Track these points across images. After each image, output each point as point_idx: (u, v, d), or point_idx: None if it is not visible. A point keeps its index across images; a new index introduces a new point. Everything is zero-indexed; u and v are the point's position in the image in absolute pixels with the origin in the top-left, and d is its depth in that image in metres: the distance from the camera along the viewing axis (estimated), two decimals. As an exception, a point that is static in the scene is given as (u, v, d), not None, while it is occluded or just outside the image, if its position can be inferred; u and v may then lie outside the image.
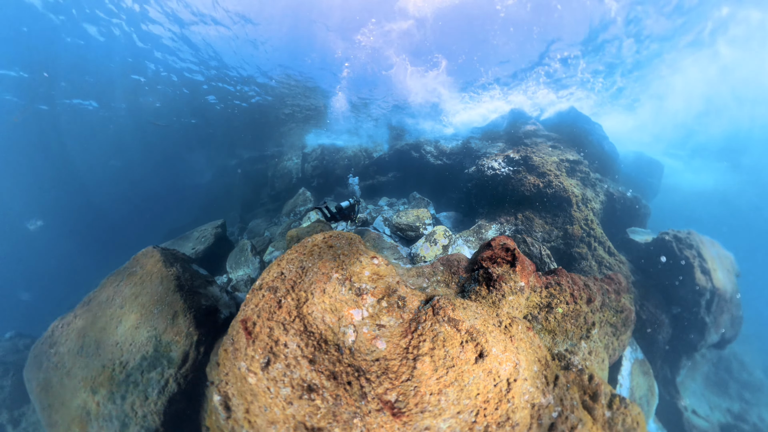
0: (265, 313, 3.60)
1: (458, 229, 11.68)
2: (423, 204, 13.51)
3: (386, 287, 3.83)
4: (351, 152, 14.11)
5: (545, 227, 10.09)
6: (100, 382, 5.13)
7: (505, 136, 16.21)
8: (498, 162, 11.66)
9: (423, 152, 14.67)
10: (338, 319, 3.27)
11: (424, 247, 8.75)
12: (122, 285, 5.97)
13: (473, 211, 12.14)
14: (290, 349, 3.15)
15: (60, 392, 4.88)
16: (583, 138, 14.53)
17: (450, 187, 15.15)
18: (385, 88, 15.51)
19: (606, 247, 10.19)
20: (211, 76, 16.18)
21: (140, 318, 5.73)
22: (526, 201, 10.26)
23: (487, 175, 11.50)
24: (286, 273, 3.89)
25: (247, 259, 8.30)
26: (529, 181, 10.37)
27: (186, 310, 5.95)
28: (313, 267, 3.86)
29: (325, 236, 4.67)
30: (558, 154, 13.08)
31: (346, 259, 4.06)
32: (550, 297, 5.41)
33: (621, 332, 6.87)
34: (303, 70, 15.13)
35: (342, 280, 3.64)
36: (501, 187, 10.91)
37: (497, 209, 10.81)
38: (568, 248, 9.79)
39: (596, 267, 9.59)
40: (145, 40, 13.86)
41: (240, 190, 15.88)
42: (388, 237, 9.82)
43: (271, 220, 12.02)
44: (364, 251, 4.42)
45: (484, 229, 10.22)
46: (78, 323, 5.42)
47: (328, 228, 7.99)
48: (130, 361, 5.41)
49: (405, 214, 10.09)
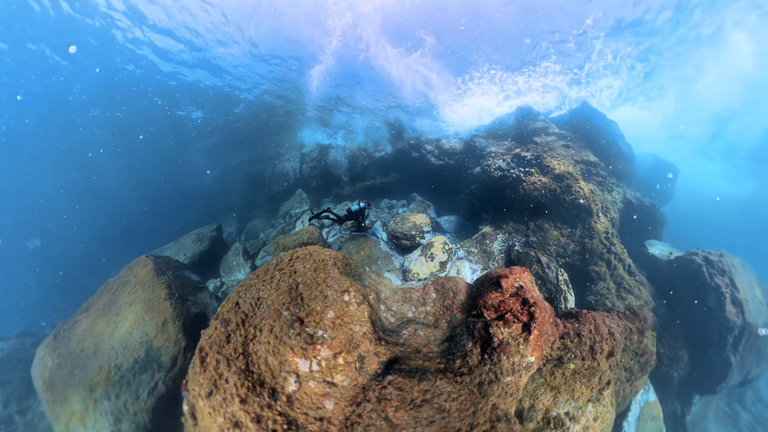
0: (215, 345, 3.85)
1: (459, 235, 11.40)
2: (423, 207, 13.16)
3: (348, 339, 3.45)
4: (349, 152, 14.16)
5: (560, 240, 8.81)
6: (98, 381, 5.81)
7: (512, 134, 15.54)
8: (506, 161, 10.45)
9: (424, 152, 14.43)
10: (280, 363, 3.22)
11: (419, 261, 7.93)
12: (118, 293, 6.58)
13: (476, 215, 11.29)
14: (229, 385, 3.37)
15: (62, 389, 5.59)
16: (598, 137, 13.69)
17: (452, 188, 14.89)
18: (368, 78, 15.05)
19: (626, 266, 8.97)
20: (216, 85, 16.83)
21: (134, 324, 6.35)
22: (539, 208, 9.08)
23: (494, 177, 10.29)
24: (241, 304, 4.09)
25: (239, 263, 8.82)
26: (543, 185, 9.09)
27: (175, 318, 6.52)
28: (268, 299, 3.96)
29: (291, 257, 4.52)
30: (572, 155, 12.38)
31: (307, 291, 3.83)
32: (563, 349, 4.43)
33: (637, 377, 6.19)
34: (282, 72, 15.01)
35: (291, 321, 3.46)
36: (510, 191, 9.70)
37: (504, 215, 9.77)
38: (584, 266, 8.62)
39: (614, 289, 8.53)
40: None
41: (240, 190, 16.58)
42: (385, 244, 9.30)
43: (268, 221, 12.54)
44: (334, 281, 4.05)
45: (489, 239, 9.18)
46: (78, 329, 6.08)
47: (318, 235, 8.10)
48: (124, 363, 6.05)
49: (402, 220, 9.46)
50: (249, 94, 17.68)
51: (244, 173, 17.26)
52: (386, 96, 16.19)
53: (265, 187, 15.28)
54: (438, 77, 15.05)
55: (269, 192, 14.82)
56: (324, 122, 18.60)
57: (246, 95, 17.80)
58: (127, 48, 14.77)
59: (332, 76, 15.01)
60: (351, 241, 9.06)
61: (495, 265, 8.39)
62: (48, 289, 17.84)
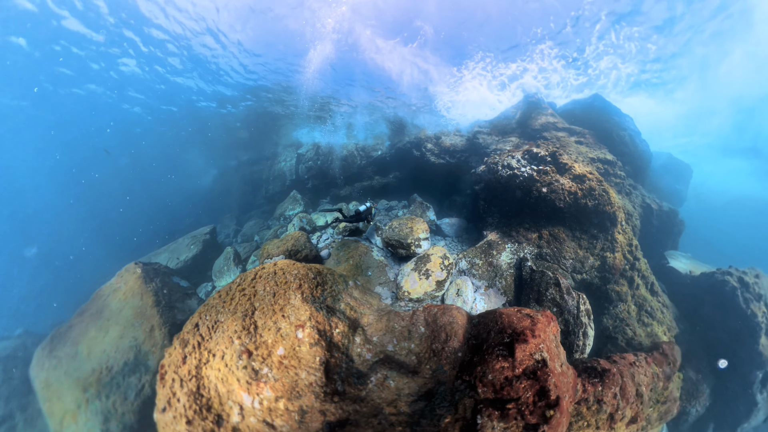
0: (173, 365, 4.02)
1: (461, 240, 10.71)
2: (422, 209, 12.50)
3: (291, 386, 3.19)
4: (346, 152, 14.10)
5: (578, 253, 7.76)
6: (90, 382, 6.28)
7: (518, 130, 14.87)
8: (516, 159, 9.26)
9: (424, 150, 14.12)
10: (228, 392, 3.28)
11: (411, 278, 6.94)
12: (109, 299, 7.01)
13: (480, 219, 10.41)
14: (180, 404, 3.54)
15: (57, 389, 6.10)
16: (613, 133, 12.86)
17: (453, 188, 14.54)
18: (365, 72, 14.72)
19: (649, 284, 8.19)
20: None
21: (124, 329, 6.77)
22: (556, 214, 8.06)
23: (502, 177, 9.21)
24: (200, 325, 4.23)
25: (230, 268, 9.12)
26: (561, 187, 7.93)
27: (162, 324, 6.90)
28: (224, 323, 4.06)
29: (255, 275, 4.45)
30: (586, 152, 11.66)
31: (261, 320, 3.74)
32: (577, 416, 3.80)
33: (653, 426, 5.58)
34: (276, 67, 14.96)
35: (240, 352, 3.44)
36: (520, 193, 8.68)
37: (513, 221, 8.75)
38: (603, 284, 7.70)
39: (635, 312, 7.77)
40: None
41: (238, 191, 17.00)
42: (379, 251, 8.59)
43: (265, 222, 12.85)
44: (293, 310, 3.86)
45: (496, 249, 8.17)
46: (73, 332, 6.56)
47: (304, 241, 8.08)
48: (115, 366, 6.50)
49: (398, 225, 8.66)
50: (245, 94, 17.91)
51: (242, 174, 17.70)
52: (384, 90, 15.84)
53: (263, 188, 15.59)
54: (435, 68, 14.54)
55: (266, 193, 15.12)
56: (322, 120, 18.56)
57: (242, 94, 18.05)
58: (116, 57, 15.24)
59: (328, 71, 14.83)
60: (342, 248, 8.54)
61: (502, 284, 7.49)
62: (48, 291, 19.12)
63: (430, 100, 15.96)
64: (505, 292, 7.24)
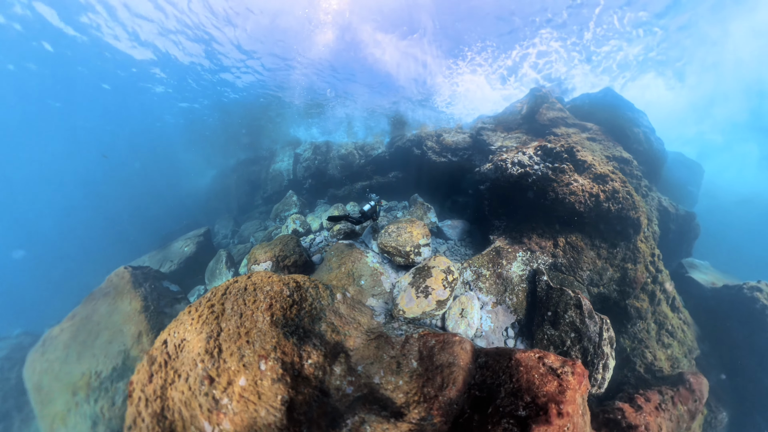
0: (140, 383, 4.01)
1: (465, 244, 10.04)
2: (423, 210, 12.00)
3: (250, 423, 3.03)
4: (344, 151, 13.93)
5: (596, 263, 7.15)
6: (80, 386, 6.47)
7: (524, 125, 14.34)
8: (528, 156, 8.51)
9: (425, 148, 13.79)
10: (191, 416, 3.24)
11: (408, 294, 6.13)
12: (99, 303, 7.17)
13: (486, 222, 9.79)
14: (144, 425, 3.57)
15: (49, 391, 6.31)
16: (627, 130, 12.21)
17: (455, 188, 14.19)
18: (364, 67, 14.39)
19: (670, 300, 7.62)
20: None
21: (112, 334, 6.93)
22: (574, 219, 7.38)
23: (511, 175, 8.42)
24: (168, 343, 4.18)
25: (221, 271, 9.20)
26: (581, 188, 7.14)
27: (149, 330, 7.02)
28: (190, 342, 3.98)
29: (225, 291, 4.27)
30: (600, 150, 11.09)
31: (227, 342, 3.53)
32: None
33: None
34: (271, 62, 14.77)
35: (202, 377, 3.33)
36: (533, 194, 7.95)
37: (524, 225, 8.09)
38: (622, 298, 7.08)
39: (655, 331, 7.19)
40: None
41: (236, 191, 17.14)
42: (374, 256, 7.94)
43: (262, 223, 12.93)
44: (259, 335, 3.60)
45: (505, 257, 7.41)
46: (64, 336, 6.76)
47: (293, 246, 7.91)
48: (104, 370, 6.67)
49: (396, 229, 7.98)
50: (242, 92, 17.87)
51: (240, 174, 17.84)
52: (383, 85, 15.51)
53: (261, 188, 15.67)
54: (433, 59, 14.10)
55: (264, 193, 15.20)
56: (321, 117, 18.40)
57: (239, 93, 18.04)
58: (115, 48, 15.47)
59: (326, 66, 14.60)
60: (335, 252, 8.07)
61: (512, 301, 6.78)
62: (49, 291, 19.91)
63: (430, 94, 15.58)
64: (516, 310, 6.70)
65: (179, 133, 25.04)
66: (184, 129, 23.71)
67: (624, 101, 11.83)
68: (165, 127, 24.20)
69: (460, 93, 15.25)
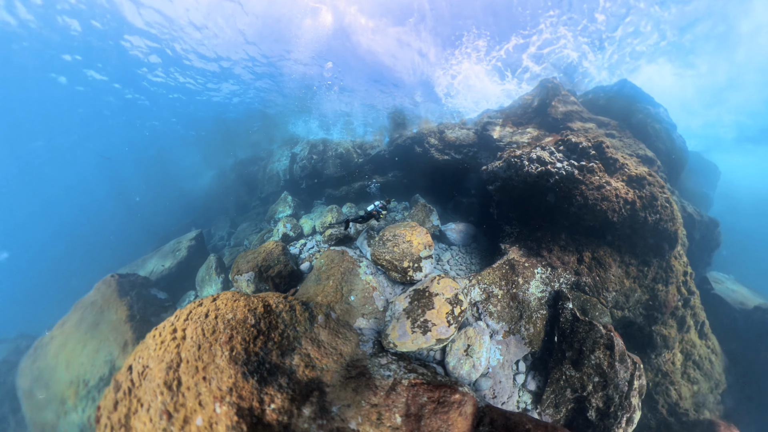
0: (106, 410, 4.10)
1: (470, 250, 9.55)
2: (425, 213, 11.14)
3: None
4: (342, 149, 13.74)
5: (624, 283, 6.47)
6: (68, 395, 6.79)
7: (536, 119, 13.76)
8: (550, 151, 7.49)
9: (427, 146, 13.44)
10: None
11: (401, 326, 5.33)
12: (87, 312, 7.44)
13: (495, 227, 9.03)
14: None
15: (39, 399, 6.63)
16: (648, 126, 11.52)
17: (459, 188, 13.84)
18: (361, 59, 13.89)
19: (698, 325, 7.03)
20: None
21: (99, 343, 7.19)
22: (603, 230, 6.49)
23: (529, 174, 7.41)
24: (133, 369, 4.22)
25: (211, 278, 9.36)
26: (614, 193, 6.29)
27: (134, 340, 7.24)
28: (152, 370, 3.98)
29: (187, 316, 4.15)
30: (622, 148, 10.47)
31: (186, 375, 3.43)
32: None
33: None
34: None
35: (160, 411, 3.33)
36: (555, 197, 7.01)
37: (542, 234, 7.16)
38: (648, 324, 6.47)
39: (681, 362, 6.58)
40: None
41: (234, 192, 17.36)
42: (368, 266, 7.08)
43: (258, 225, 13.08)
44: (217, 372, 3.42)
45: (521, 275, 6.52)
46: (54, 344, 7.07)
47: (278, 254, 7.50)
48: (91, 379, 6.96)
49: (392, 237, 7.02)
50: (239, 92, 17.81)
51: (237, 174, 17.99)
52: (380, 74, 15.05)
53: (258, 189, 15.77)
54: (432, 48, 13.47)
55: (261, 194, 15.31)
56: (320, 113, 18.19)
57: (237, 92, 18.00)
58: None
59: (324, 62, 14.31)
60: (324, 261, 7.34)
61: (529, 331, 6.01)
62: (49, 292, 20.77)
63: (431, 87, 15.04)
64: (531, 342, 6.01)
65: (178, 135, 25.59)
66: (183, 131, 24.19)
67: (643, 94, 11.09)
68: (165, 128, 24.75)
69: (460, 83, 14.64)
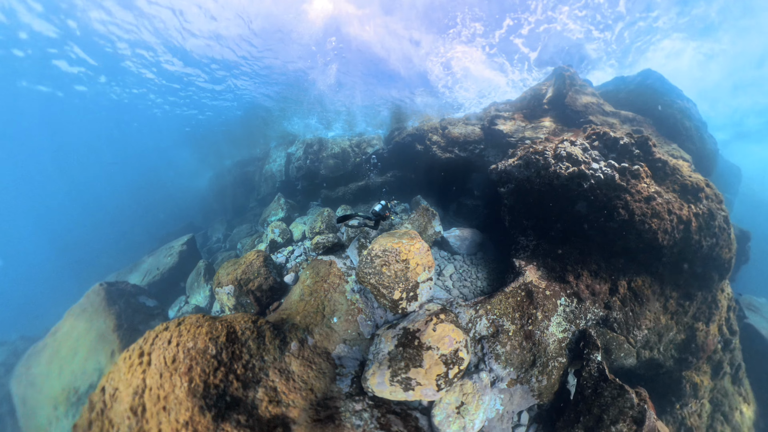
0: (81, 429, 4.41)
1: (476, 261, 8.83)
2: (427, 218, 10.26)
3: None
4: (338, 149, 13.71)
5: (660, 320, 5.64)
6: (60, 401, 7.33)
7: (551, 112, 13.20)
8: (583, 147, 6.36)
9: (428, 143, 13.23)
10: None
11: (381, 375, 4.60)
12: (78, 320, 7.94)
13: (506, 235, 8.22)
14: None
15: (32, 405, 7.23)
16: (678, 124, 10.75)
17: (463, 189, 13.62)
18: (359, 53, 13.49)
19: (734, 368, 6.32)
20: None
21: (89, 351, 7.69)
22: (646, 253, 5.52)
23: (557, 176, 6.25)
24: (106, 390, 4.48)
25: (200, 284, 9.74)
26: (667, 208, 5.34)
27: (122, 349, 7.67)
28: (122, 393, 4.24)
29: (153, 340, 4.26)
30: None
31: (150, 402, 3.57)
32: None
33: None
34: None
35: None
36: (586, 206, 5.99)
37: (564, 251, 6.16)
38: (678, 368, 5.74)
39: (708, 413, 5.89)
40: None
41: (231, 193, 17.71)
42: (355, 282, 6.34)
43: (253, 227, 13.37)
44: (175, 406, 3.40)
45: (541, 307, 5.48)
46: (47, 352, 7.62)
47: (258, 266, 7.48)
48: (81, 386, 7.47)
49: (382, 253, 5.79)
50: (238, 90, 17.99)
51: (235, 175, 18.34)
52: (375, 65, 14.73)
53: (255, 190, 16.06)
54: (425, 35, 12.94)
55: (258, 195, 15.59)
56: (319, 109, 18.12)
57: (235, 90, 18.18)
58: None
59: (311, 52, 14.17)
60: (310, 273, 7.04)
61: (542, 383, 5.13)
62: (49, 294, 21.92)
63: (426, 78, 14.59)
64: (540, 395, 5.14)
65: (177, 136, 26.29)
66: (183, 133, 24.81)
67: (670, 86, 10.38)
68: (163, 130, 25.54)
69: (459, 72, 14.11)
